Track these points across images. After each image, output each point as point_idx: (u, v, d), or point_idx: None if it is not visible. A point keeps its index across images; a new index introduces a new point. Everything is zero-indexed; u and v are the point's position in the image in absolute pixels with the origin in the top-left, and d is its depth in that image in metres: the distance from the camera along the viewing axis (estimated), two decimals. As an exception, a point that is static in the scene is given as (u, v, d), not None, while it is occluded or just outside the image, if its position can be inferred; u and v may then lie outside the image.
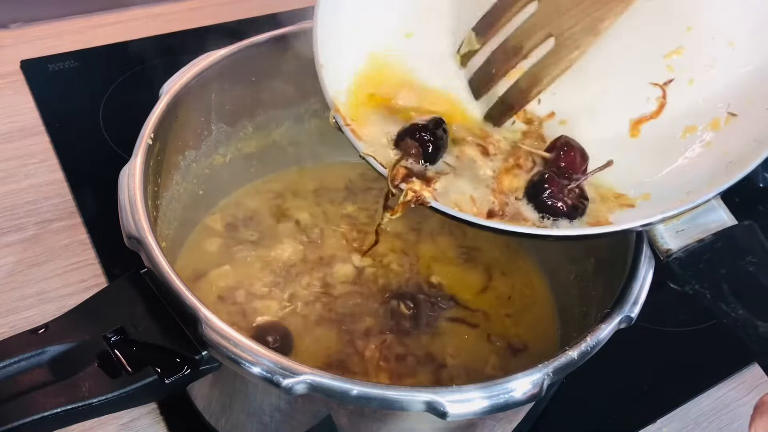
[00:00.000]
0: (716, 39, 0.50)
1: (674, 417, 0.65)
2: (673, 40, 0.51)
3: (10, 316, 0.64)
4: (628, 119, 0.51)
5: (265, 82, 0.65)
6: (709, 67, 0.50)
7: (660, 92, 0.51)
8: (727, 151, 0.46)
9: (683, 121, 0.50)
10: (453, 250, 0.69)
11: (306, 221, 0.69)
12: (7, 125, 0.82)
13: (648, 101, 0.51)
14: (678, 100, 0.51)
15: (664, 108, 0.51)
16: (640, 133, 0.51)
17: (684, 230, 0.44)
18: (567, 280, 0.63)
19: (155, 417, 0.59)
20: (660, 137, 0.50)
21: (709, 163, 0.47)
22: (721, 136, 0.48)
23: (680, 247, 0.44)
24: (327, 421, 0.47)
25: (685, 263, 0.43)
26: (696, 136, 0.49)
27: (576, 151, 0.51)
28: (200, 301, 0.43)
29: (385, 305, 0.63)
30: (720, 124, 0.48)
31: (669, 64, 0.51)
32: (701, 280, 0.43)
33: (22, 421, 0.38)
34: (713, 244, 0.43)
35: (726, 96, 0.48)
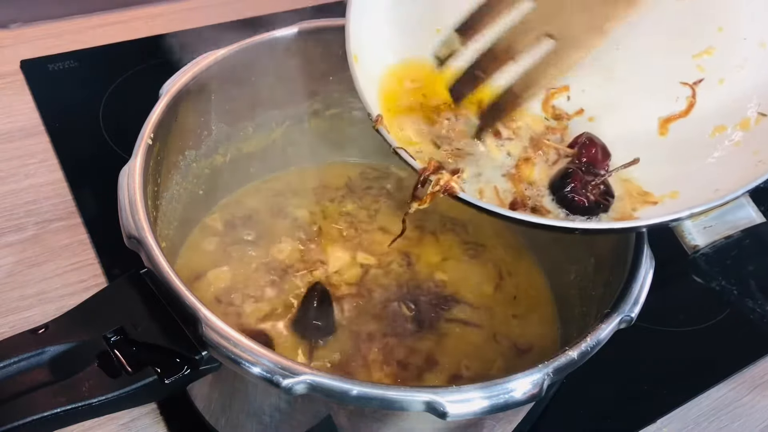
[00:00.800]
0: (748, 39, 0.50)
1: (674, 417, 0.65)
2: (703, 40, 0.51)
3: (10, 316, 0.64)
4: (657, 117, 0.51)
5: (265, 82, 0.65)
6: (740, 68, 0.50)
7: (690, 91, 0.51)
8: (757, 150, 0.45)
9: (713, 120, 0.49)
10: (457, 247, 0.69)
11: (304, 218, 0.69)
12: (7, 125, 0.82)
13: (677, 100, 0.51)
14: (708, 99, 0.50)
15: (693, 107, 0.50)
16: (669, 132, 0.51)
17: (712, 227, 0.44)
18: (567, 280, 0.63)
19: (155, 417, 0.59)
20: (689, 136, 0.50)
21: (738, 161, 0.46)
22: (751, 135, 0.47)
23: (707, 243, 0.44)
24: (327, 421, 0.47)
25: (712, 259, 0.43)
26: (725, 135, 0.49)
27: (598, 147, 0.50)
28: (200, 301, 0.43)
29: (387, 307, 0.62)
30: (750, 124, 0.48)
31: (699, 63, 0.51)
32: (728, 277, 0.43)
33: (22, 421, 0.38)
34: (741, 240, 0.43)
35: (756, 96, 0.48)
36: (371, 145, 0.74)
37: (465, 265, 0.67)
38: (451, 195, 0.46)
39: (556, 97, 0.54)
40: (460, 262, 0.67)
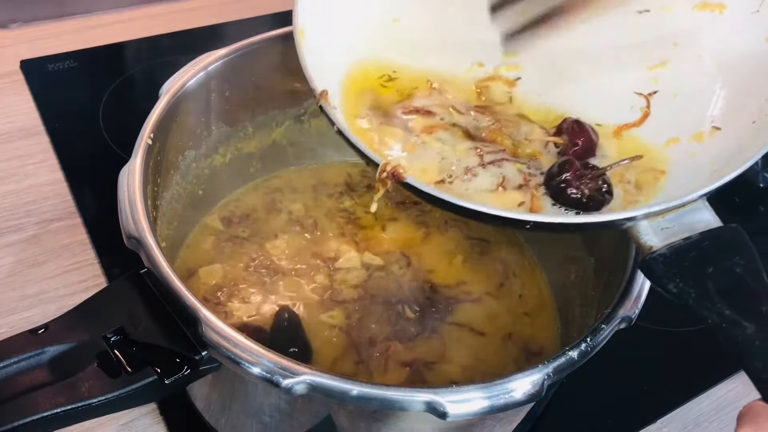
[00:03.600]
0: (702, 57, 0.51)
1: (674, 417, 0.65)
2: (659, 53, 0.52)
3: (10, 316, 0.64)
4: (612, 125, 0.52)
5: (265, 82, 0.65)
6: (694, 82, 0.51)
7: (644, 102, 0.51)
8: (711, 161, 0.46)
9: (667, 132, 0.50)
10: (463, 243, 0.69)
11: (299, 212, 0.69)
12: (7, 125, 0.82)
13: (632, 109, 0.52)
14: (662, 111, 0.51)
15: (647, 117, 0.51)
16: (622, 138, 0.51)
17: (668, 228, 0.43)
18: (567, 280, 0.63)
19: (155, 417, 0.59)
20: (642, 145, 0.51)
21: (694, 170, 0.47)
22: (706, 147, 0.48)
23: (664, 245, 0.42)
24: (327, 421, 0.47)
25: (670, 260, 0.42)
26: (680, 146, 0.49)
27: (588, 130, 0.50)
28: (200, 301, 0.43)
29: (390, 308, 0.62)
30: (704, 136, 0.49)
31: (654, 76, 0.52)
32: (686, 279, 0.41)
33: (22, 422, 0.38)
34: (700, 242, 0.42)
35: (710, 110, 0.49)
36: (371, 145, 0.74)
37: (470, 264, 0.67)
38: (398, 181, 0.45)
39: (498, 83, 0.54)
40: (466, 261, 0.67)
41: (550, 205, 0.48)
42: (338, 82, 0.53)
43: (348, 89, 0.54)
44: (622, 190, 0.49)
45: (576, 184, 0.47)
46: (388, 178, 0.45)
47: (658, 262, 0.42)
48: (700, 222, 0.43)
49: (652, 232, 0.43)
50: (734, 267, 0.40)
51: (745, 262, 0.41)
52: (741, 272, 0.40)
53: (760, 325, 0.39)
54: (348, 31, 0.55)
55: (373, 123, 0.52)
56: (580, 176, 0.47)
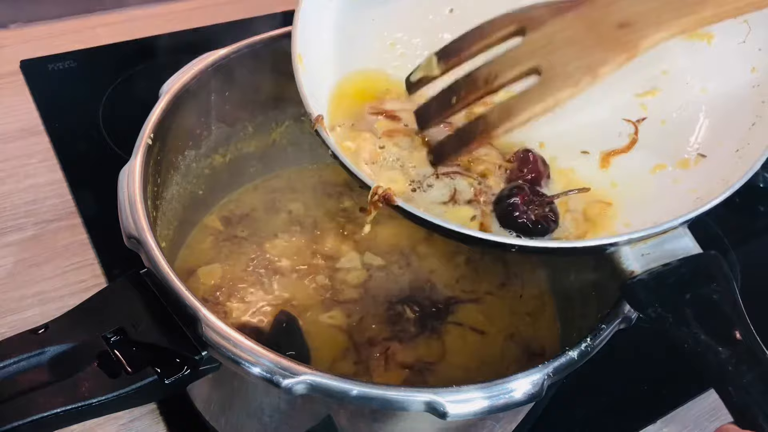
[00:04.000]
0: (689, 84, 0.52)
1: (674, 417, 0.65)
2: (648, 81, 0.53)
3: (10, 316, 0.64)
4: (599, 151, 0.52)
5: (265, 82, 0.65)
6: (682, 110, 0.52)
7: (632, 129, 0.52)
8: (695, 188, 0.47)
9: (654, 159, 0.51)
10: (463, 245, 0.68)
11: (299, 212, 0.69)
12: (7, 125, 0.82)
13: (620, 136, 0.52)
14: (649, 138, 0.52)
15: (635, 144, 0.52)
16: (610, 165, 0.52)
17: (649, 254, 0.44)
18: (567, 280, 0.63)
19: (155, 417, 0.59)
20: (629, 171, 0.51)
21: (677, 196, 0.47)
22: (689, 174, 0.49)
23: (644, 270, 0.44)
24: (327, 421, 0.47)
25: (649, 285, 0.43)
26: (665, 173, 0.50)
27: (537, 159, 0.51)
28: (200, 300, 0.43)
29: (390, 308, 0.62)
30: (689, 163, 0.50)
31: (643, 102, 0.53)
32: (664, 304, 0.42)
33: (22, 422, 0.38)
34: (679, 268, 0.43)
35: (697, 138, 0.50)
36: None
37: (471, 264, 0.67)
38: (388, 204, 0.45)
39: None
40: (466, 261, 0.67)
41: (498, 226, 0.49)
42: (327, 94, 0.54)
43: (334, 98, 0.54)
44: (571, 219, 0.50)
45: (523, 209, 0.48)
46: (379, 201, 0.46)
47: (638, 288, 0.44)
48: (680, 248, 0.44)
49: (632, 257, 0.44)
50: (711, 294, 0.42)
51: (721, 289, 0.42)
52: (717, 298, 0.42)
53: (733, 350, 0.40)
54: (344, 53, 0.56)
55: (345, 126, 0.53)
56: (528, 202, 0.48)
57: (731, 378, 0.39)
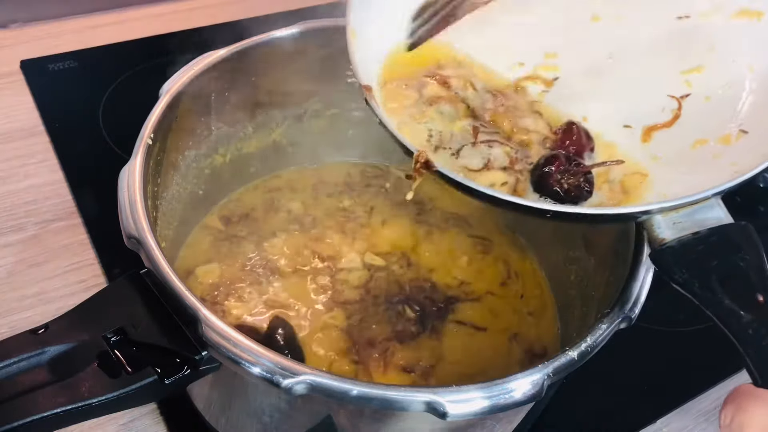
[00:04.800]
0: (737, 62, 0.52)
1: (674, 417, 0.65)
2: (694, 58, 0.53)
3: (10, 316, 0.64)
4: (642, 125, 0.53)
5: (264, 82, 0.65)
6: (727, 87, 0.52)
7: (676, 104, 0.53)
8: (735, 161, 0.47)
9: (695, 134, 0.51)
10: (465, 241, 0.69)
11: (298, 211, 0.69)
12: (7, 125, 0.82)
13: (663, 111, 0.53)
14: (692, 113, 0.52)
15: (678, 119, 0.52)
16: (652, 139, 0.52)
17: (681, 223, 0.45)
18: (567, 280, 0.63)
19: (155, 417, 0.59)
20: (670, 145, 0.52)
21: (714, 168, 0.48)
22: (731, 149, 0.49)
23: (674, 238, 0.45)
24: (327, 421, 0.47)
25: (678, 252, 0.44)
26: (706, 147, 0.50)
27: (580, 132, 0.52)
28: (201, 301, 0.43)
29: (390, 308, 0.62)
30: (731, 139, 0.50)
31: (688, 79, 0.53)
32: (691, 270, 0.44)
33: (22, 422, 0.38)
34: (708, 237, 0.44)
35: (740, 115, 0.50)
36: (371, 145, 0.74)
37: (472, 263, 0.67)
38: (429, 169, 0.47)
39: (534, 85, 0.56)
40: (467, 260, 0.67)
41: (531, 192, 0.50)
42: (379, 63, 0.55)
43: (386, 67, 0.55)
44: (608, 189, 0.51)
45: (557, 177, 0.49)
46: (422, 167, 0.47)
47: (667, 254, 0.45)
48: (711, 218, 0.45)
49: (664, 225, 0.45)
50: (738, 261, 0.43)
51: (749, 256, 0.43)
52: (744, 266, 0.43)
53: (755, 315, 0.41)
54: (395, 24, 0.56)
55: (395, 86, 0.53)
56: (564, 171, 0.49)
57: (751, 341, 0.41)
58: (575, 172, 0.49)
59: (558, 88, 0.55)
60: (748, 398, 0.38)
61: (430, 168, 0.47)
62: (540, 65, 0.57)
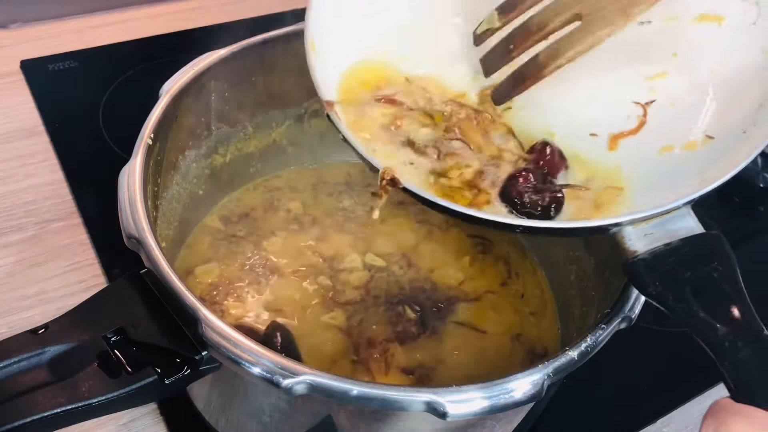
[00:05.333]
0: (699, 67, 0.52)
1: (674, 417, 0.65)
2: (658, 64, 0.53)
3: (10, 316, 0.64)
4: (608, 133, 0.53)
5: (265, 82, 0.65)
6: (690, 93, 0.52)
7: (641, 111, 0.53)
8: (701, 169, 0.47)
9: (661, 140, 0.51)
10: (465, 241, 0.69)
11: (298, 210, 0.69)
12: (7, 125, 0.82)
13: (629, 119, 0.53)
14: (657, 120, 0.52)
15: (643, 126, 0.52)
16: (618, 147, 0.52)
17: (652, 234, 0.45)
18: (567, 280, 0.63)
19: (155, 417, 0.59)
20: (637, 153, 0.52)
21: (683, 176, 0.48)
22: (697, 155, 0.49)
23: (646, 250, 0.44)
24: (327, 421, 0.47)
25: (651, 265, 0.44)
26: (673, 154, 0.51)
27: (554, 152, 0.52)
28: (200, 300, 0.43)
29: (390, 309, 0.62)
30: (697, 145, 0.50)
31: (652, 86, 0.53)
32: (664, 282, 0.43)
33: (22, 422, 0.38)
34: (680, 248, 0.44)
35: (705, 120, 0.51)
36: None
37: (473, 263, 0.67)
38: (395, 186, 0.46)
39: None
40: (468, 260, 0.67)
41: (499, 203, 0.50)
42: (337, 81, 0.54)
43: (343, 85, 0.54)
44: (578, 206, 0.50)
45: (522, 189, 0.49)
46: (388, 185, 0.46)
47: (639, 266, 0.44)
48: (682, 228, 0.45)
49: (635, 237, 0.45)
50: (711, 272, 0.42)
51: (722, 267, 0.42)
52: (717, 276, 0.42)
53: (730, 327, 0.40)
54: (354, 39, 0.56)
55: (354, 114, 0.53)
56: (530, 185, 0.49)
57: (727, 353, 0.40)
58: (542, 189, 0.49)
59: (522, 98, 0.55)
60: (727, 414, 0.38)
61: (396, 185, 0.46)
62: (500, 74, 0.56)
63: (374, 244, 0.67)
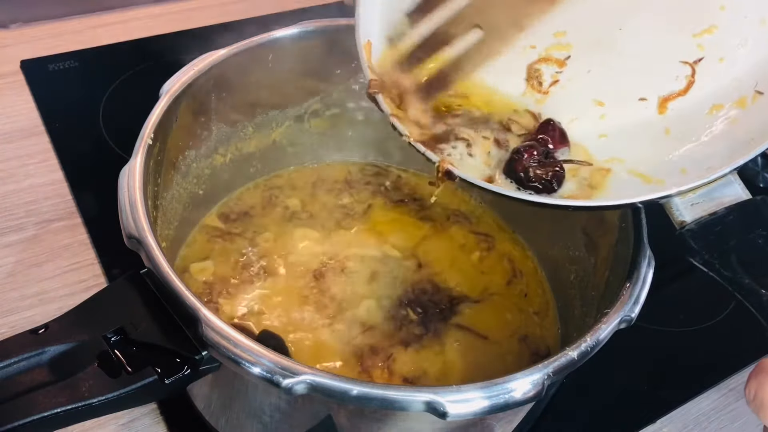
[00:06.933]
0: (749, 17, 0.50)
1: (674, 417, 0.65)
2: (705, 18, 0.51)
3: (10, 316, 0.64)
4: (657, 96, 0.52)
5: (265, 82, 0.65)
6: (741, 46, 0.51)
7: (689, 70, 0.52)
8: (750, 128, 0.47)
9: (711, 99, 0.51)
10: (467, 238, 0.69)
11: (296, 207, 0.69)
12: (7, 125, 0.82)
13: (677, 79, 0.52)
14: (706, 78, 0.51)
15: (692, 86, 0.51)
16: (668, 110, 0.52)
17: (699, 203, 0.46)
18: (567, 280, 0.63)
19: (155, 417, 0.59)
20: (687, 114, 0.51)
21: (731, 139, 0.48)
22: (747, 113, 0.49)
23: (693, 219, 0.46)
24: (327, 421, 0.47)
25: (697, 235, 0.45)
26: (722, 113, 0.50)
27: (556, 130, 0.53)
28: (200, 300, 0.43)
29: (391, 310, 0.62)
30: (747, 101, 0.49)
31: (700, 42, 0.52)
32: (711, 251, 0.45)
33: (22, 422, 0.38)
34: (725, 217, 0.45)
35: (755, 74, 0.49)
36: (371, 145, 0.74)
37: (477, 261, 0.67)
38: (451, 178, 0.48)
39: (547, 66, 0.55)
40: (472, 258, 0.67)
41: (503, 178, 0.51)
42: None
43: None
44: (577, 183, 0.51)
45: (525, 164, 0.50)
46: (444, 176, 0.49)
47: (687, 237, 0.46)
48: (728, 196, 0.46)
49: (683, 207, 0.46)
50: (756, 238, 0.44)
51: (766, 233, 0.44)
52: (762, 243, 0.44)
53: None
54: None
55: None
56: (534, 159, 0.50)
57: None
58: (545, 164, 0.50)
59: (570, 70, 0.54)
60: None
61: (452, 178, 0.48)
62: (551, 46, 0.55)
63: (374, 243, 0.67)
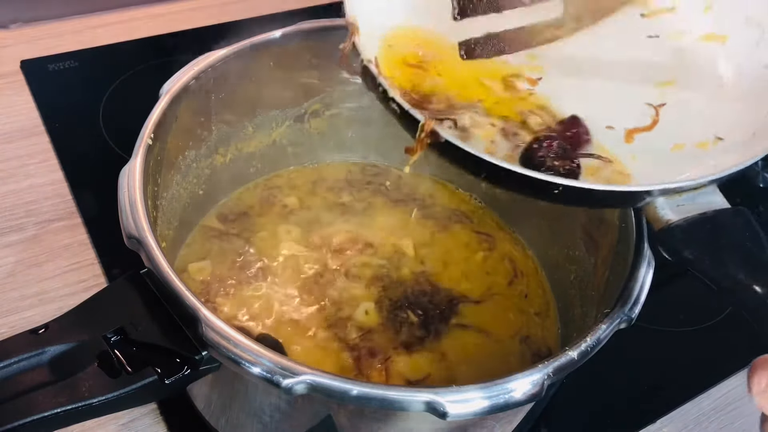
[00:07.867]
0: (707, 78, 0.55)
1: (674, 417, 0.65)
2: (667, 72, 0.56)
3: (10, 316, 0.64)
4: (624, 128, 0.54)
5: (265, 82, 0.65)
6: (698, 100, 0.54)
7: (654, 111, 0.55)
8: (715, 164, 0.49)
9: (673, 138, 0.53)
10: (468, 237, 0.69)
11: (294, 206, 0.69)
12: (7, 125, 0.82)
13: (643, 116, 0.55)
14: (669, 120, 0.54)
15: (656, 124, 0.54)
16: (634, 140, 0.54)
17: (684, 206, 0.47)
18: (567, 280, 0.63)
19: (155, 417, 0.59)
20: (652, 146, 0.53)
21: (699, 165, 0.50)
22: (708, 153, 0.51)
23: (681, 218, 0.46)
24: (327, 421, 0.47)
25: (687, 230, 0.46)
26: (684, 151, 0.52)
27: (579, 127, 0.53)
28: (200, 300, 0.43)
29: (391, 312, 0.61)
30: (708, 145, 0.52)
31: (663, 91, 0.55)
32: (701, 247, 0.45)
33: (22, 422, 0.38)
34: (715, 218, 0.46)
35: (714, 123, 0.52)
36: (372, 145, 0.74)
37: (477, 261, 0.67)
38: (435, 140, 0.45)
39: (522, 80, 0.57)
40: (473, 258, 0.67)
41: None
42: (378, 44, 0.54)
43: None
44: None
45: (545, 153, 0.50)
46: (426, 137, 0.46)
47: (676, 233, 0.46)
48: (712, 203, 0.46)
49: (668, 208, 0.47)
50: (745, 241, 0.45)
51: (752, 239, 0.45)
52: (750, 246, 0.45)
53: None
54: None
55: None
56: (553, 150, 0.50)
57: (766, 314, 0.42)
58: (564, 156, 0.50)
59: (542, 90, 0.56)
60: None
61: (438, 138, 0.45)
62: (523, 65, 0.57)
63: (374, 243, 0.67)
